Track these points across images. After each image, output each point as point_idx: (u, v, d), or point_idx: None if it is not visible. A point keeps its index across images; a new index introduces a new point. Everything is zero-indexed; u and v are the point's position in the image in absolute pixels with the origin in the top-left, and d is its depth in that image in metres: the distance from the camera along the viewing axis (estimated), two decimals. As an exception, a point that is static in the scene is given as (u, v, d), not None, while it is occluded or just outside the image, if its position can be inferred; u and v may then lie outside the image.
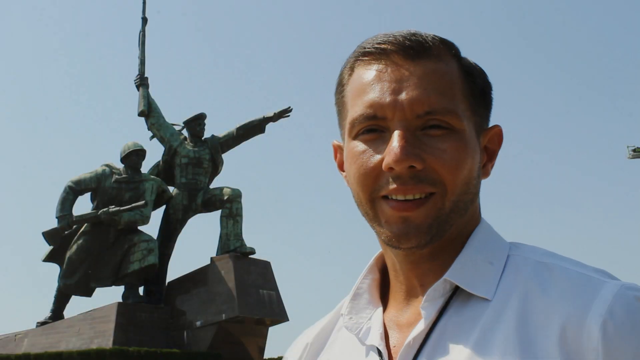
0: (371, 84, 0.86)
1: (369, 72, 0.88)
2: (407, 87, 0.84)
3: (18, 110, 57.69)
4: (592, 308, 0.77)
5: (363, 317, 0.92)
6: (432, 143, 0.84)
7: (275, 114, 16.04)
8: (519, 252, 0.88)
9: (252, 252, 14.77)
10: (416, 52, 0.86)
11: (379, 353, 0.86)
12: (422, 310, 0.84)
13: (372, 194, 0.85)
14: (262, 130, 16.19)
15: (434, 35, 0.89)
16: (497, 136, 0.93)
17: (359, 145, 0.87)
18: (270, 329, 14.43)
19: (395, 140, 0.82)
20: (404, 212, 0.83)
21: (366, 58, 0.89)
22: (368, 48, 0.88)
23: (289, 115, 16.22)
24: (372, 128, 0.86)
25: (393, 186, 0.83)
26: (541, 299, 0.80)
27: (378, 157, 0.85)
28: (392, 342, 0.87)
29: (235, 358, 13.58)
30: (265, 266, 14.79)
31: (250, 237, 24.49)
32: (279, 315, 14.14)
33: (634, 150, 37.16)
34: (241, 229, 15.08)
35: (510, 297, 0.82)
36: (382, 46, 0.87)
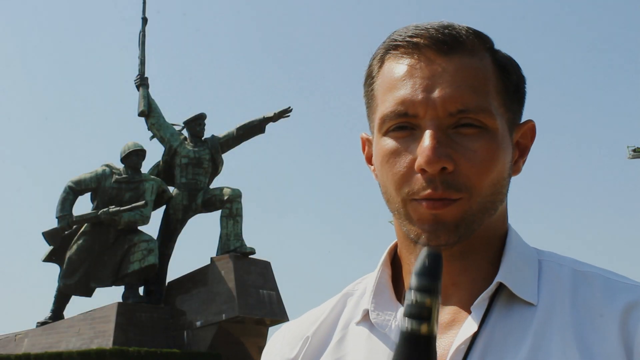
0: (402, 80, 0.84)
1: (400, 67, 0.85)
2: (440, 83, 0.82)
3: (18, 110, 57.70)
4: None
5: (389, 314, 0.88)
6: (464, 142, 0.82)
7: (275, 114, 16.05)
8: (550, 258, 0.88)
9: (252, 252, 14.78)
10: (450, 46, 0.83)
11: None
12: (473, 311, 0.82)
13: (406, 196, 0.84)
14: (262, 130, 16.19)
15: (468, 28, 0.86)
16: (530, 131, 0.91)
17: (390, 143, 0.85)
18: (270, 329, 14.44)
19: (427, 140, 0.80)
20: (434, 210, 0.81)
21: (397, 52, 0.86)
22: (399, 41, 0.85)
23: (289, 115, 16.22)
24: (403, 125, 0.84)
25: (427, 191, 0.81)
26: (594, 309, 0.80)
27: (410, 157, 0.83)
28: None
29: (235, 358, 13.58)
30: (265, 266, 14.79)
31: (250, 237, 24.49)
32: (279, 315, 14.14)
33: (634, 150, 37.11)
34: (241, 229, 15.09)
35: (554, 303, 0.82)
36: (415, 40, 0.84)
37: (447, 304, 0.86)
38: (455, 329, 0.83)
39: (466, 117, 0.82)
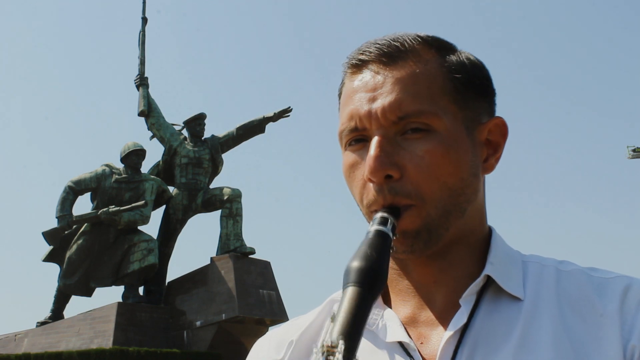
0: (351, 96, 0.88)
1: (351, 84, 0.89)
2: (381, 94, 0.85)
3: (18, 110, 57.74)
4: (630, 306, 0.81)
5: (376, 313, 0.89)
6: (411, 148, 0.83)
7: (275, 114, 16.07)
8: (534, 259, 0.90)
9: (252, 252, 14.79)
10: (392, 57, 0.86)
11: (405, 350, 0.84)
12: (462, 304, 0.83)
13: (367, 209, 0.86)
14: (262, 130, 16.21)
15: (417, 35, 0.88)
16: (497, 127, 0.91)
17: (349, 157, 0.88)
18: (270, 328, 14.44)
19: (372, 149, 0.83)
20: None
21: (350, 70, 0.90)
22: (352, 59, 0.90)
23: (289, 115, 16.24)
24: (358, 138, 0.87)
25: (377, 201, 0.84)
26: (587, 306, 0.82)
27: (364, 168, 0.85)
28: (417, 338, 0.86)
29: (235, 358, 13.57)
30: (265, 266, 14.80)
31: (250, 237, 24.52)
32: (279, 315, 14.15)
33: (634, 150, 37.14)
34: (241, 229, 15.10)
35: (541, 299, 0.84)
36: (361, 56, 0.88)
37: (432, 301, 0.88)
38: (444, 324, 0.85)
39: (410, 122, 0.84)
